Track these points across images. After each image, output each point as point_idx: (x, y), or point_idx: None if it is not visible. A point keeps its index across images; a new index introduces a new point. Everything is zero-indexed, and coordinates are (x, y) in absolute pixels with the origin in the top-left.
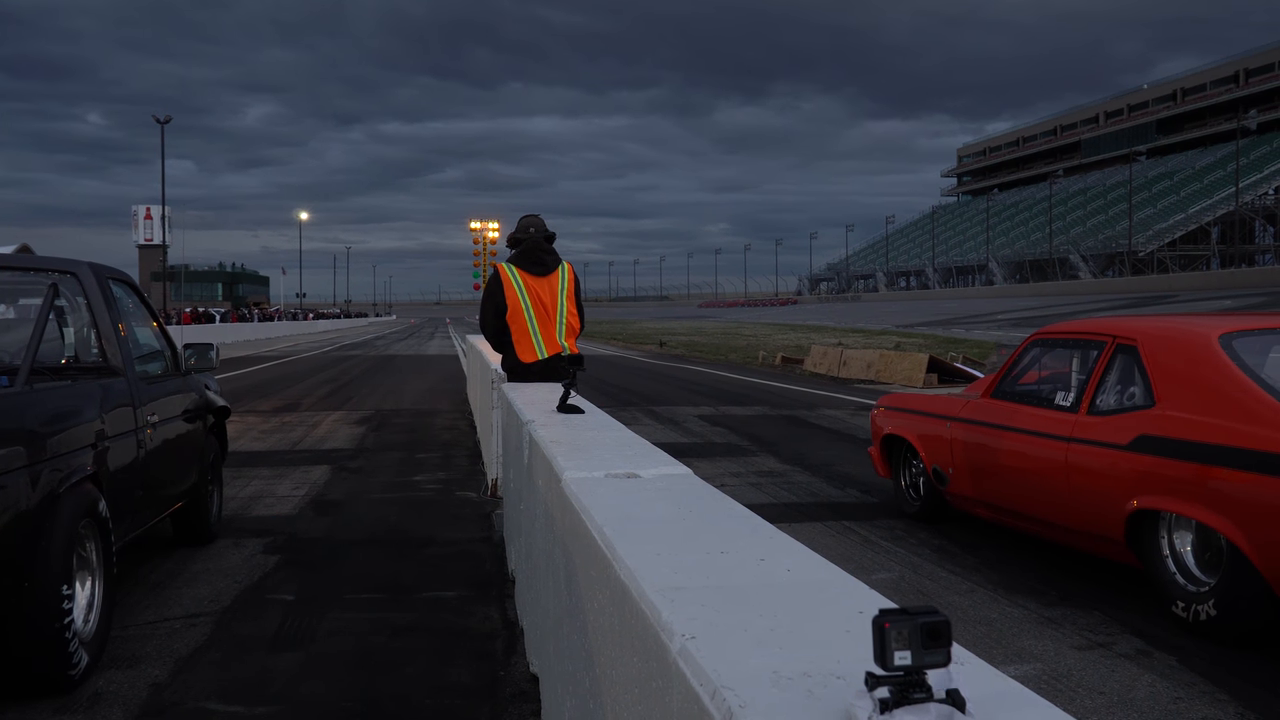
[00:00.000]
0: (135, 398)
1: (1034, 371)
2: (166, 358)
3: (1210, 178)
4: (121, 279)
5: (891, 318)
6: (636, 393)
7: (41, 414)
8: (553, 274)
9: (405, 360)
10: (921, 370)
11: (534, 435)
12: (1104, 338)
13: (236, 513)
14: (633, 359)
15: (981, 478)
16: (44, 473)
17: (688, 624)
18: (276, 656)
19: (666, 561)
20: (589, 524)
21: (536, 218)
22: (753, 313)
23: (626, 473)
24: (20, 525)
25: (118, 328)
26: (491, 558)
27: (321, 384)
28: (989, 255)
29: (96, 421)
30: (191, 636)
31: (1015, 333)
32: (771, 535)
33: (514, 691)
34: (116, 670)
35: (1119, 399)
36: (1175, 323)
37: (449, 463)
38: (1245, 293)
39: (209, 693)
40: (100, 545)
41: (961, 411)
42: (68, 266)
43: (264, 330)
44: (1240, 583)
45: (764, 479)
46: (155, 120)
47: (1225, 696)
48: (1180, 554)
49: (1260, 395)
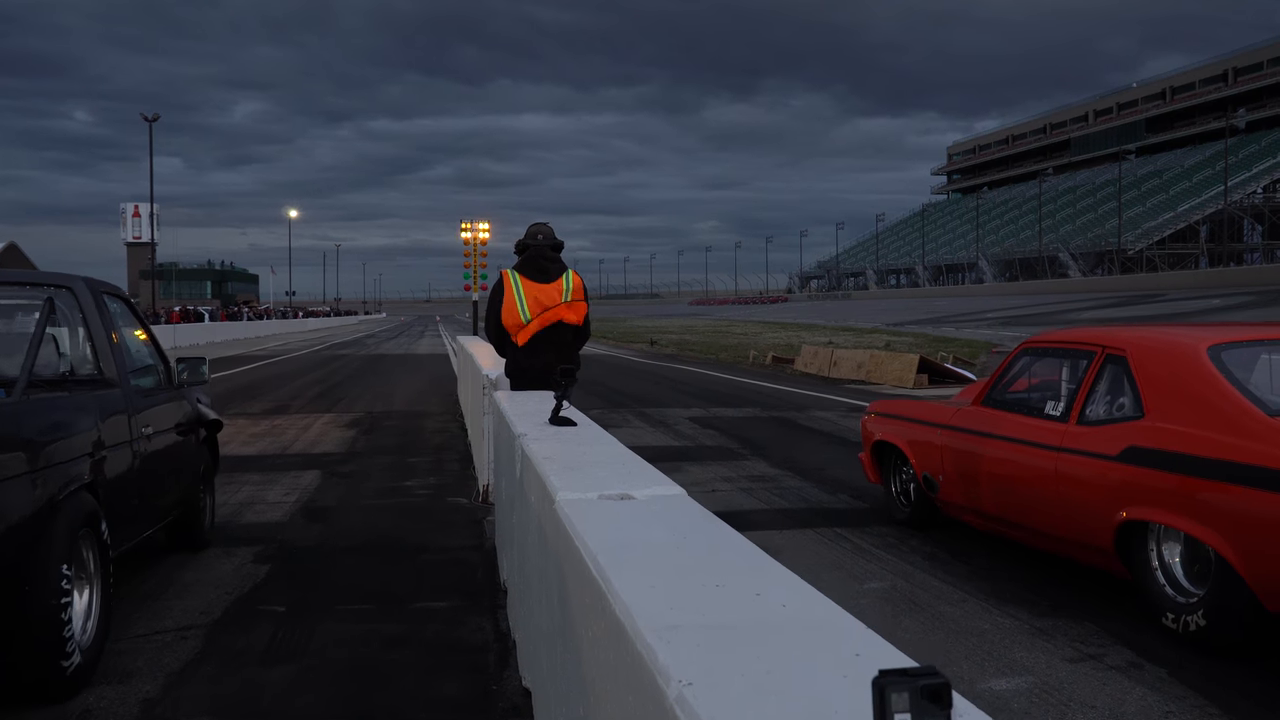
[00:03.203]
0: (130, 409)
1: (1024, 380)
2: (159, 371)
3: (1199, 176)
4: (116, 294)
5: (881, 316)
6: (628, 394)
7: (40, 424)
8: (555, 281)
9: (395, 360)
10: (912, 371)
11: (526, 450)
12: (1094, 348)
13: (228, 519)
14: (624, 358)
15: (972, 486)
16: (42, 481)
17: (684, 668)
18: (268, 670)
19: (662, 596)
20: (583, 551)
21: (545, 225)
22: (743, 310)
23: (620, 494)
24: (19, 533)
25: (112, 341)
26: (483, 566)
27: (311, 385)
28: (979, 253)
29: (93, 432)
30: (183, 650)
31: (1005, 331)
32: (766, 566)
33: (506, 706)
34: (108, 686)
35: (1108, 409)
36: (1165, 334)
37: (440, 467)
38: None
39: (201, 708)
40: (97, 554)
41: (952, 419)
42: (63, 281)
43: (254, 329)
44: (1228, 594)
45: (755, 484)
46: (143, 118)
47: (1216, 710)
48: (1169, 565)
49: (1248, 408)
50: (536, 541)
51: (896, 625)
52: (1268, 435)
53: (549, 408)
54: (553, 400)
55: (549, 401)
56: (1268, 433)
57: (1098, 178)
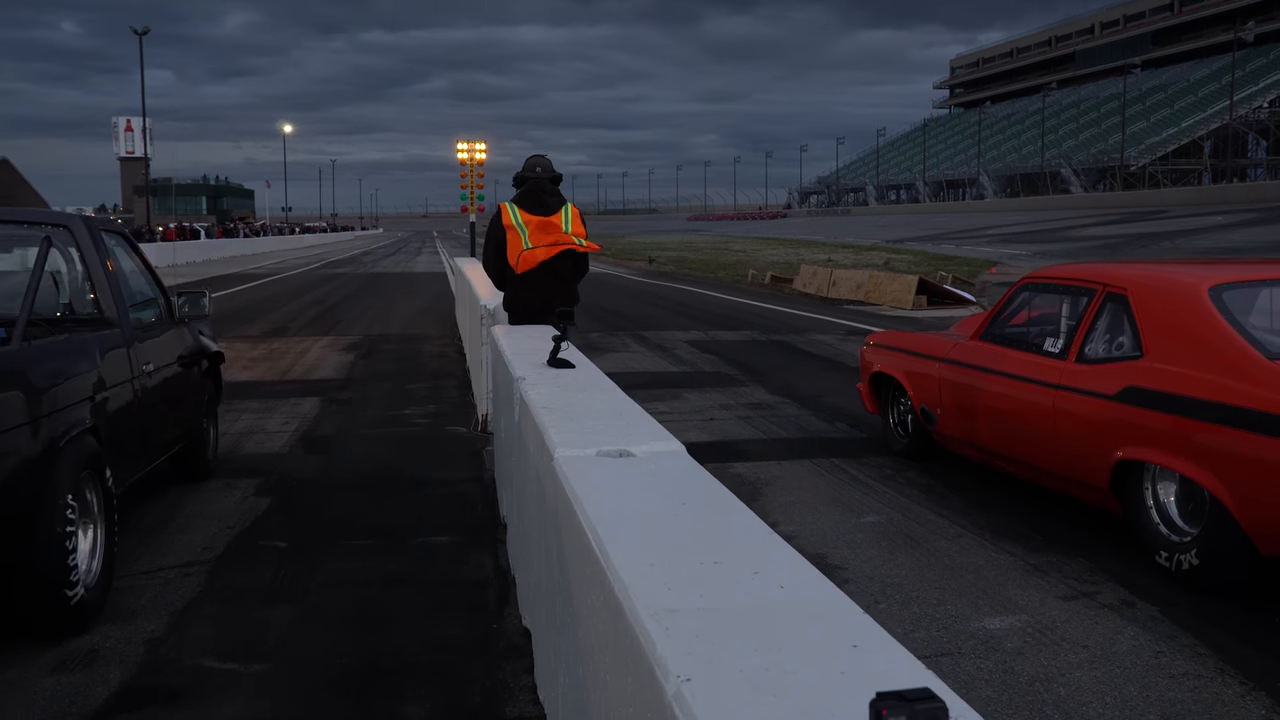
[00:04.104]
0: (130, 347)
1: (1024, 315)
2: (160, 306)
3: (1205, 90)
4: (114, 229)
5: (881, 232)
6: (626, 316)
7: (42, 370)
8: (555, 214)
9: (393, 279)
10: (911, 292)
11: (525, 397)
12: (1094, 285)
13: (229, 450)
14: (621, 277)
15: (969, 420)
16: (45, 427)
17: (683, 660)
18: (271, 609)
19: (660, 575)
20: (582, 520)
21: (543, 158)
22: (742, 226)
23: (619, 450)
24: (24, 478)
25: (111, 279)
26: (483, 499)
27: (309, 306)
28: (980, 169)
29: (94, 374)
30: (186, 587)
31: (1004, 249)
32: (763, 539)
33: (506, 646)
34: (113, 625)
35: (1108, 348)
36: (1166, 272)
37: (438, 394)
38: (1236, 209)
39: (205, 649)
40: (101, 495)
41: (951, 353)
42: (61, 220)
43: (251, 246)
44: (1222, 535)
45: (753, 412)
46: (133, 32)
47: (1207, 651)
48: (1164, 504)
49: (1248, 351)
50: (535, 493)
51: (893, 562)
52: (1267, 379)
53: (547, 346)
54: (551, 337)
55: (547, 338)
56: (1267, 377)
57: (1102, 92)
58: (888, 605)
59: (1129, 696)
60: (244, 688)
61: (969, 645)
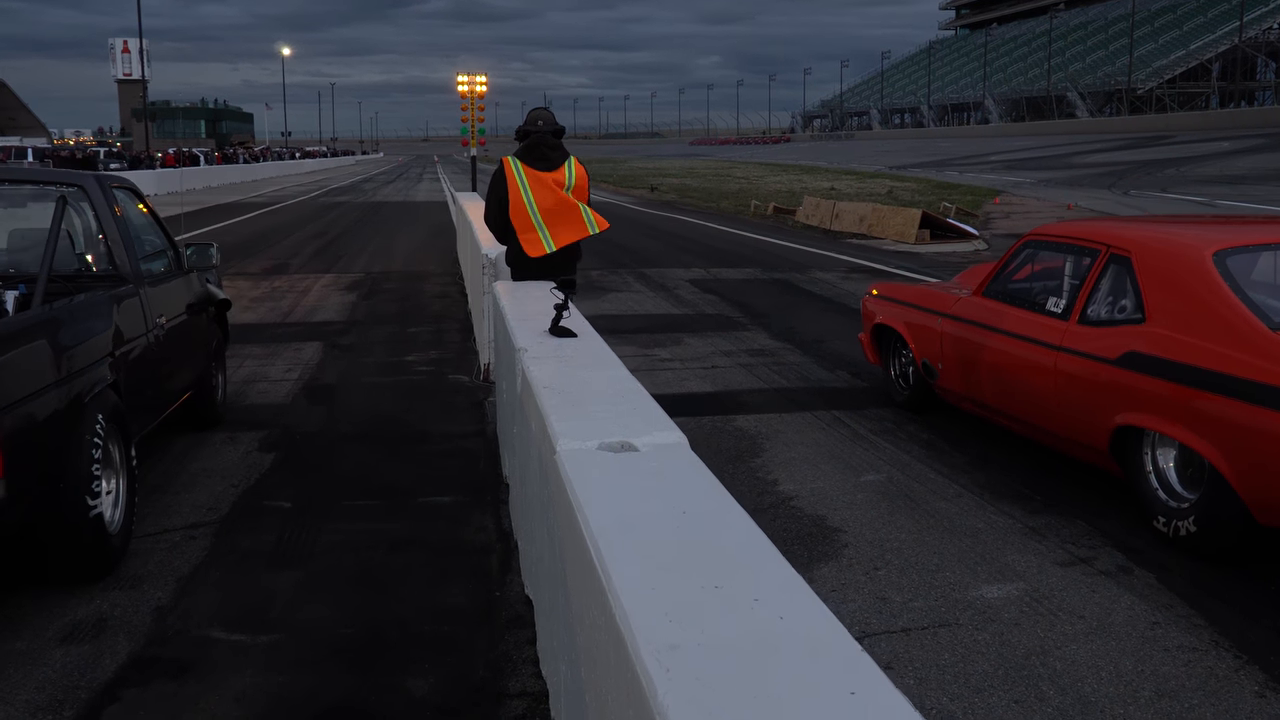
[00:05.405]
0: (144, 302)
1: (1027, 273)
2: (169, 257)
3: (1214, 11)
4: (125, 185)
5: (885, 158)
6: (628, 250)
7: (67, 331)
8: (558, 169)
9: (394, 209)
10: (914, 226)
11: (527, 371)
12: (1099, 246)
13: (232, 399)
14: (623, 206)
15: (971, 376)
16: (70, 386)
17: (684, 710)
18: (276, 575)
19: (662, 600)
20: (584, 529)
21: (546, 110)
22: (745, 151)
23: (621, 442)
24: (56, 437)
25: (125, 235)
26: (485, 455)
27: (310, 239)
28: (985, 93)
29: (112, 331)
30: (192, 551)
31: (1009, 176)
32: (764, 559)
33: (510, 616)
34: (120, 591)
35: (1110, 310)
36: (1171, 235)
37: (441, 339)
38: (1243, 133)
39: (212, 618)
40: (121, 444)
41: (953, 308)
42: (74, 179)
43: (251, 172)
44: (1219, 503)
45: (755, 359)
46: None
47: (1202, 621)
48: (1163, 470)
49: (1250, 320)
50: (537, 471)
51: (892, 524)
52: (1268, 350)
53: (549, 310)
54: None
55: (550, 299)
56: (1269, 347)
57: (1110, 12)
58: (886, 572)
59: (1124, 670)
60: (251, 659)
61: (966, 616)
